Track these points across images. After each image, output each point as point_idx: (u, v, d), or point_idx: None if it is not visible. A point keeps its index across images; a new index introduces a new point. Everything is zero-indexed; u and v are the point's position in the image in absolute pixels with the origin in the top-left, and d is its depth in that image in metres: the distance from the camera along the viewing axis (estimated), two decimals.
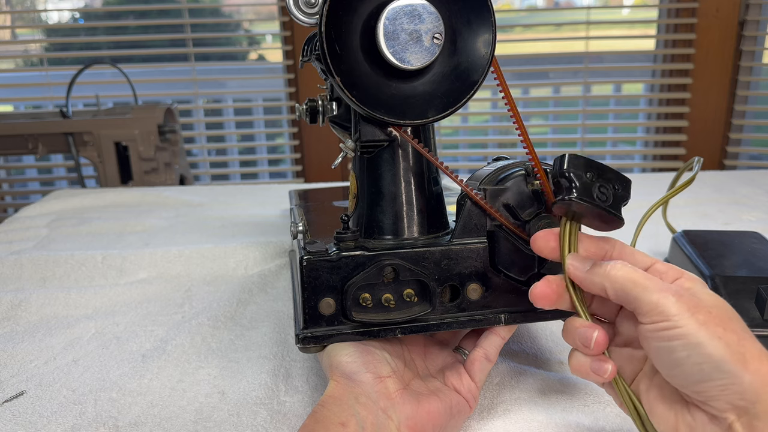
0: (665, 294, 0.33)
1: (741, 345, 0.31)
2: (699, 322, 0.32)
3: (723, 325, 0.31)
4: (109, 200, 1.05)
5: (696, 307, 0.32)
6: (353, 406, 0.38)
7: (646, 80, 1.92)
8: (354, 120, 0.44)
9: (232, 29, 2.07)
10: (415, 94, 0.40)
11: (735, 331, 0.31)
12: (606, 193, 0.36)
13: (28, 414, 0.47)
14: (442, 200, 0.46)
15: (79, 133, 1.55)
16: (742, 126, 1.81)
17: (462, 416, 0.42)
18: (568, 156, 0.37)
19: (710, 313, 0.32)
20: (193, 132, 1.98)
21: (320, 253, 0.41)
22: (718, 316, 0.32)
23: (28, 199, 2.05)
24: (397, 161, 0.44)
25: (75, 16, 2.06)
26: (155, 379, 0.51)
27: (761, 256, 0.59)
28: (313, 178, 1.97)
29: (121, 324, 0.61)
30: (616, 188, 0.37)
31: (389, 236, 0.44)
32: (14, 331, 0.61)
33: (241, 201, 1.04)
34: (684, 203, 0.94)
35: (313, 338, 0.41)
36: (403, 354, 0.44)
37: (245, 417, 0.46)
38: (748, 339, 0.32)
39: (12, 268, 0.75)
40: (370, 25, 0.39)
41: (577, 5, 2.01)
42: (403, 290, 0.41)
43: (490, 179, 0.43)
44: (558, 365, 0.52)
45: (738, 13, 1.72)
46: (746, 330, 0.32)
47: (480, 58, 0.41)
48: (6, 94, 2.13)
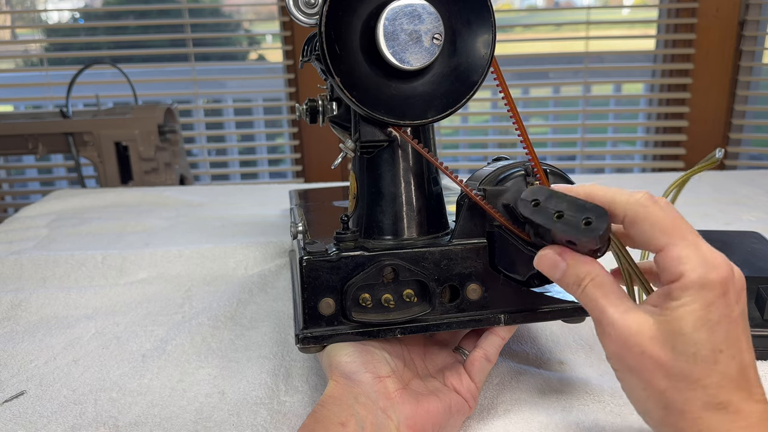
0: (599, 330, 0.33)
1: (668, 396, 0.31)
2: (627, 368, 0.32)
3: (654, 370, 0.31)
4: (109, 200, 1.05)
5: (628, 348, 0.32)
6: (353, 405, 0.38)
7: (646, 80, 1.92)
8: (354, 120, 0.44)
9: (232, 29, 2.07)
10: (414, 95, 0.40)
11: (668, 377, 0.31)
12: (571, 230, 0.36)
13: (28, 414, 0.47)
14: (441, 200, 0.46)
15: (79, 133, 1.55)
16: (742, 126, 1.81)
17: (461, 416, 0.42)
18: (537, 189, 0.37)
19: (643, 354, 0.31)
20: (193, 132, 1.98)
21: (320, 254, 0.41)
22: (653, 357, 0.31)
23: (28, 199, 2.05)
24: (397, 161, 0.44)
25: (75, 16, 2.06)
26: (155, 379, 0.51)
27: (761, 256, 0.59)
28: (313, 178, 1.97)
29: (121, 324, 0.61)
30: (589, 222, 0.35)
31: (389, 236, 0.44)
32: (14, 331, 0.61)
33: (241, 201, 1.04)
34: (684, 203, 0.93)
35: (312, 338, 0.41)
36: (403, 354, 0.44)
37: (245, 417, 0.46)
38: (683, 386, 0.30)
39: (12, 268, 0.75)
40: (370, 25, 0.39)
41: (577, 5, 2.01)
42: (403, 290, 0.41)
43: (489, 179, 0.43)
44: (558, 365, 0.52)
45: (738, 13, 1.72)
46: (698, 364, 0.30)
47: (480, 59, 0.41)
48: (6, 94, 2.13)
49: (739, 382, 0.30)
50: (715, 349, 0.30)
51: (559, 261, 0.35)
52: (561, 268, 0.35)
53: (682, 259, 0.31)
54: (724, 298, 0.30)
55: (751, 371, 0.31)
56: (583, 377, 0.49)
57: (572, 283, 0.35)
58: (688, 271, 0.31)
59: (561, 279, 0.35)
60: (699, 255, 0.31)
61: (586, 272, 0.34)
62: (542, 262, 0.36)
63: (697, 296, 0.30)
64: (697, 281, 0.30)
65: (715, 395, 0.30)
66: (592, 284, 0.34)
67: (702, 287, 0.30)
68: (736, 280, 0.32)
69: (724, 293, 0.30)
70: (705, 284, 0.30)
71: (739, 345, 0.31)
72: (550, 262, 0.35)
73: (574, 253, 0.35)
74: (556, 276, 0.35)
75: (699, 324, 0.30)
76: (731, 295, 0.31)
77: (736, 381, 0.30)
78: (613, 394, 0.46)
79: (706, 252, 0.31)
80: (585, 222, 0.34)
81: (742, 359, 0.31)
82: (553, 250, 0.36)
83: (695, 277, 0.30)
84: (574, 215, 0.34)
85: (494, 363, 0.44)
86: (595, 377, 0.49)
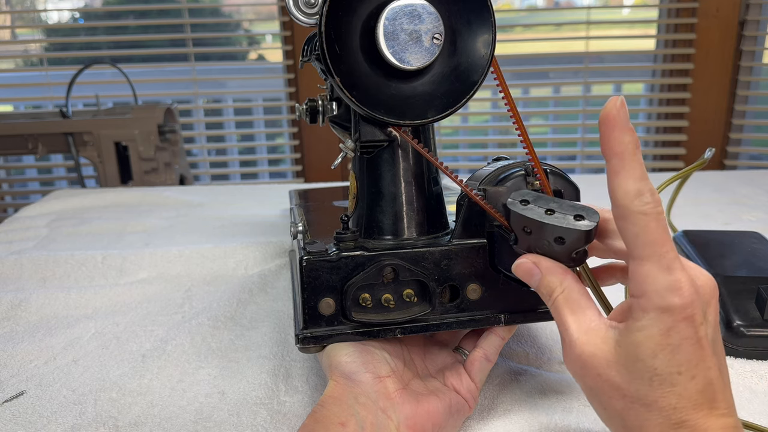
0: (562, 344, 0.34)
1: (624, 417, 0.31)
2: (586, 386, 0.33)
3: (611, 392, 0.31)
4: (109, 200, 1.05)
5: (587, 368, 0.32)
6: (353, 405, 0.38)
7: (646, 80, 1.92)
8: (354, 120, 0.44)
9: (232, 29, 2.07)
10: (414, 95, 0.40)
11: (624, 398, 0.31)
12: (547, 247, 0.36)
13: (28, 414, 0.47)
14: (441, 200, 0.46)
15: (79, 133, 1.55)
16: (742, 126, 1.81)
17: (461, 416, 0.42)
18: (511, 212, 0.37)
19: (600, 376, 0.32)
20: (193, 132, 1.98)
21: (320, 254, 0.41)
22: (609, 379, 0.31)
23: (28, 199, 2.05)
24: (397, 161, 0.44)
25: (75, 16, 2.06)
26: (155, 379, 0.51)
27: (761, 256, 0.59)
28: (313, 178, 1.97)
29: (121, 324, 0.61)
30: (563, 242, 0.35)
31: (389, 236, 0.44)
32: (14, 331, 0.61)
33: (241, 201, 1.04)
34: (684, 203, 0.94)
35: (312, 338, 0.41)
36: (403, 354, 0.44)
37: (245, 417, 0.46)
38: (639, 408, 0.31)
39: (12, 268, 0.75)
40: (370, 25, 0.39)
41: (577, 5, 2.01)
42: (403, 290, 0.41)
43: (489, 179, 0.43)
44: (558, 365, 0.52)
45: (738, 13, 1.72)
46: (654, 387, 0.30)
47: (480, 59, 0.41)
48: (6, 94, 2.13)
49: (699, 401, 0.30)
50: (672, 372, 0.30)
51: (535, 270, 0.36)
52: (536, 277, 0.35)
53: (648, 279, 0.30)
54: (685, 321, 0.30)
55: (717, 386, 0.30)
56: None
57: (545, 294, 0.35)
58: (651, 292, 0.30)
59: (537, 288, 0.36)
60: (667, 278, 0.30)
61: (557, 283, 0.35)
62: (519, 270, 0.37)
63: (656, 320, 0.30)
64: (658, 305, 0.30)
65: (670, 416, 0.30)
66: (561, 297, 0.34)
67: (662, 311, 0.30)
68: (702, 296, 0.31)
69: (686, 317, 0.30)
70: (666, 309, 0.30)
71: (703, 364, 0.30)
72: (526, 270, 0.36)
73: (550, 262, 0.35)
74: (532, 284, 0.36)
75: (657, 349, 0.30)
76: (696, 317, 0.30)
77: (695, 400, 0.30)
78: None
79: (676, 275, 0.30)
80: (576, 217, 0.34)
81: (705, 377, 0.30)
82: (530, 258, 0.36)
83: (657, 300, 0.30)
84: (565, 211, 0.35)
85: (494, 363, 0.44)
86: None
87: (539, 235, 0.36)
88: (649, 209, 0.31)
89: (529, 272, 0.36)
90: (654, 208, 0.31)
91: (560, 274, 0.35)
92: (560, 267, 0.35)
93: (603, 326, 0.33)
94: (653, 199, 0.31)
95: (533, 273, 0.36)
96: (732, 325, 0.51)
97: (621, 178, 0.31)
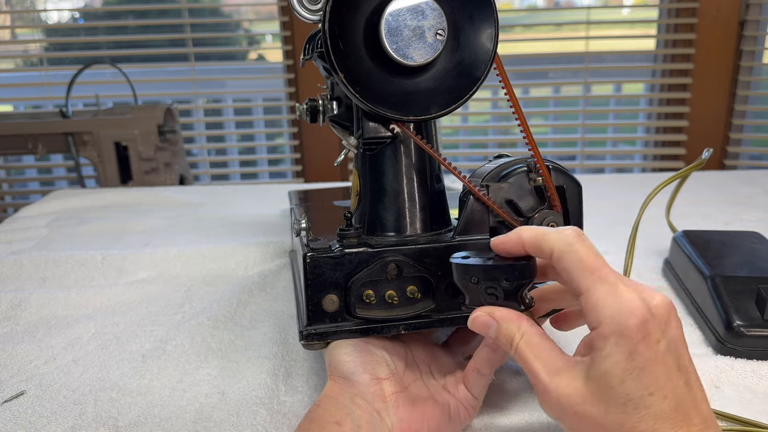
0: (536, 391, 0.33)
1: None
2: (567, 427, 0.33)
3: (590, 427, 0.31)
4: (109, 200, 1.05)
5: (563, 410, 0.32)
6: (348, 405, 0.37)
7: (646, 80, 1.92)
8: (357, 117, 0.44)
9: (232, 29, 2.07)
10: (418, 90, 0.40)
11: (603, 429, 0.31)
12: (495, 291, 0.36)
13: (28, 414, 0.47)
14: (444, 197, 0.46)
15: (78, 133, 1.55)
16: (742, 126, 1.81)
17: (460, 423, 0.41)
18: (454, 267, 0.37)
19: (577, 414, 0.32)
20: (193, 132, 1.98)
21: (323, 250, 0.40)
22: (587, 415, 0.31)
23: (28, 199, 2.04)
24: (400, 158, 0.43)
25: (75, 16, 2.06)
26: (155, 379, 0.51)
27: (761, 256, 0.58)
28: (313, 178, 1.97)
29: (121, 324, 0.61)
30: (509, 280, 0.36)
31: (392, 233, 0.44)
32: (14, 331, 0.61)
33: (241, 201, 1.04)
34: (684, 203, 0.93)
35: (316, 335, 0.41)
36: (406, 356, 0.43)
37: (245, 417, 0.46)
38: None
39: (12, 268, 0.75)
40: (373, 21, 0.38)
41: (577, 5, 2.01)
42: (407, 287, 0.41)
43: (492, 176, 0.43)
44: None
45: (738, 13, 1.72)
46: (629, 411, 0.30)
47: (483, 54, 0.40)
48: (6, 94, 2.13)
49: (674, 419, 0.30)
50: (644, 395, 0.30)
51: (491, 321, 0.35)
52: (493, 328, 0.35)
53: (598, 307, 0.31)
54: (644, 341, 0.30)
55: (687, 403, 0.31)
56: None
57: (505, 344, 0.35)
58: (605, 319, 0.31)
59: (496, 340, 0.35)
60: (616, 301, 0.31)
61: (515, 329, 0.34)
62: (475, 324, 0.36)
63: (617, 346, 0.30)
64: (615, 330, 0.30)
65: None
66: (523, 343, 0.34)
67: (620, 336, 0.30)
68: (657, 315, 0.31)
69: (644, 337, 0.30)
70: (623, 333, 0.30)
71: (670, 383, 0.30)
72: (483, 323, 0.36)
73: (503, 311, 0.35)
74: (491, 336, 0.36)
75: (625, 375, 0.30)
76: (653, 336, 0.30)
77: (671, 418, 0.30)
78: None
79: (624, 295, 0.31)
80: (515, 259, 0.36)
81: (675, 395, 0.30)
82: (484, 310, 0.36)
83: (614, 326, 0.30)
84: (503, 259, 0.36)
85: (488, 376, 0.42)
86: None
87: (487, 278, 0.36)
88: (571, 237, 0.33)
89: (485, 324, 0.36)
90: (576, 236, 0.33)
91: (516, 320, 0.35)
92: (514, 313, 0.35)
93: (569, 364, 0.33)
94: (573, 230, 0.33)
95: (489, 324, 0.35)
96: (732, 325, 0.50)
97: (543, 233, 0.34)
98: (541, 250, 0.34)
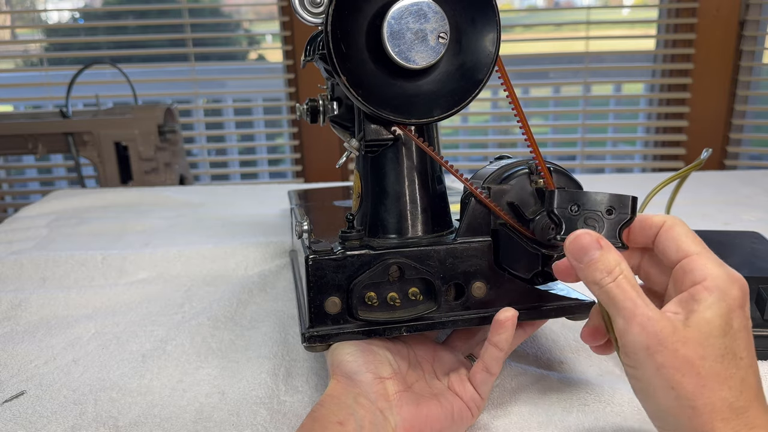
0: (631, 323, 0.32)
1: (696, 396, 0.31)
2: (656, 366, 0.31)
3: (685, 368, 0.31)
4: (109, 200, 1.05)
5: (662, 344, 0.31)
6: (351, 405, 0.37)
7: (646, 80, 1.92)
8: (358, 119, 0.44)
9: (232, 29, 2.07)
10: (420, 93, 0.40)
11: (698, 376, 0.31)
12: (595, 223, 0.36)
13: (28, 414, 0.47)
14: (445, 199, 0.46)
15: (79, 133, 1.55)
16: (742, 126, 1.81)
17: (463, 423, 0.41)
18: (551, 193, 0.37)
19: (677, 352, 0.31)
20: (193, 132, 1.98)
21: (326, 252, 0.40)
22: (685, 355, 0.31)
23: (28, 199, 2.04)
24: (401, 160, 0.43)
25: (75, 16, 2.06)
26: (155, 379, 0.51)
27: (761, 256, 0.58)
28: (313, 178, 1.97)
29: (121, 324, 0.61)
30: (610, 213, 0.36)
31: (394, 235, 0.44)
32: (14, 331, 0.61)
33: (241, 201, 1.04)
34: (684, 203, 0.93)
35: (318, 337, 0.41)
36: (408, 355, 0.43)
37: (245, 417, 0.46)
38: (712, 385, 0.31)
39: (12, 268, 0.75)
40: (376, 24, 0.39)
41: (577, 5, 2.01)
42: (408, 289, 0.41)
43: (493, 178, 0.43)
44: (558, 365, 0.51)
45: (738, 13, 1.72)
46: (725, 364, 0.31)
47: (485, 57, 0.41)
48: (6, 94, 2.13)
49: (758, 393, 0.32)
50: (737, 356, 0.31)
51: (594, 244, 0.34)
52: (594, 252, 0.34)
53: (708, 267, 0.33)
54: (741, 310, 0.32)
55: (761, 385, 0.32)
56: (583, 377, 0.49)
57: (601, 270, 0.33)
58: (713, 275, 0.32)
59: (589, 265, 0.34)
60: (722, 268, 0.33)
61: (616, 263, 0.34)
62: (577, 242, 0.34)
63: (720, 302, 0.32)
64: (721, 286, 0.32)
65: (738, 398, 0.31)
66: (623, 277, 0.33)
67: (725, 295, 0.32)
68: (747, 294, 0.33)
69: (741, 305, 0.32)
70: (727, 293, 0.32)
71: (754, 357, 0.32)
72: (586, 243, 0.34)
73: (609, 242, 0.34)
74: (584, 259, 0.34)
75: (726, 328, 0.31)
76: (746, 309, 0.33)
77: (755, 390, 0.31)
78: (613, 394, 0.46)
79: (726, 267, 0.33)
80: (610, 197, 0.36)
81: (756, 370, 0.32)
82: (590, 232, 0.35)
83: (720, 282, 0.32)
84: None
85: (496, 374, 0.42)
86: (595, 377, 0.49)
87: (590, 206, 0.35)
88: (678, 222, 0.35)
89: (587, 246, 0.34)
90: (681, 221, 0.36)
91: (618, 255, 0.34)
92: (617, 251, 0.34)
93: (665, 312, 0.33)
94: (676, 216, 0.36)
95: (591, 247, 0.34)
96: None
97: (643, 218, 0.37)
98: (652, 221, 0.36)
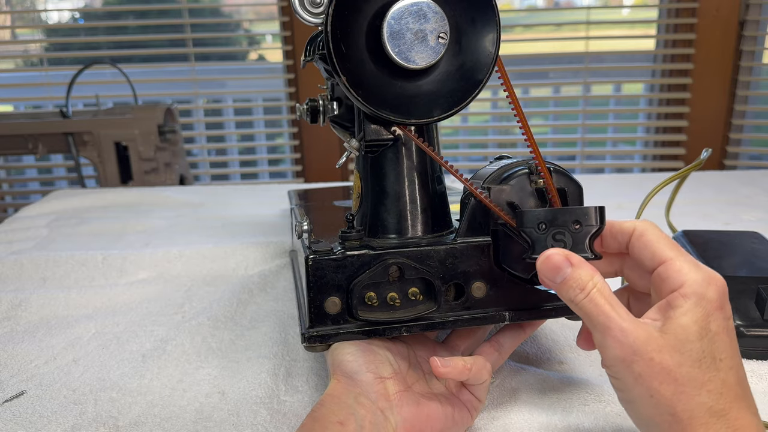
0: (606, 336, 0.33)
1: (674, 403, 0.31)
2: (634, 376, 0.32)
3: (662, 376, 0.31)
4: (109, 200, 1.05)
5: (637, 354, 0.32)
6: (352, 405, 0.37)
7: (646, 80, 1.92)
8: (358, 119, 0.44)
9: (232, 29, 2.07)
10: (420, 93, 0.40)
11: (675, 382, 0.31)
12: (563, 238, 0.36)
13: (28, 414, 0.47)
14: (445, 199, 0.46)
15: (79, 133, 1.55)
16: (742, 126, 1.81)
17: (463, 424, 0.41)
18: (519, 214, 0.38)
19: (652, 360, 0.31)
20: (193, 132, 1.98)
21: (325, 252, 0.40)
22: (660, 363, 0.31)
23: (28, 199, 2.04)
24: (401, 160, 0.43)
25: (75, 16, 2.06)
26: (155, 379, 0.51)
27: (761, 256, 0.58)
28: (313, 178, 1.97)
29: (121, 324, 0.61)
30: (578, 226, 0.36)
31: (393, 235, 0.44)
32: (14, 331, 0.61)
33: (241, 201, 1.04)
34: (684, 203, 0.93)
35: (318, 337, 0.41)
36: (408, 355, 0.43)
37: (245, 417, 0.46)
38: (690, 391, 0.31)
39: (12, 268, 0.75)
40: (376, 24, 0.39)
41: (577, 5, 2.01)
42: (408, 289, 0.41)
43: (493, 178, 0.43)
44: (558, 365, 0.51)
45: (738, 13, 1.72)
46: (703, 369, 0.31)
47: (485, 57, 0.41)
48: (6, 94, 2.13)
49: (738, 392, 0.32)
50: (716, 358, 0.32)
51: (564, 263, 0.35)
52: (565, 270, 0.35)
53: (683, 271, 0.33)
54: (721, 311, 0.32)
55: (746, 384, 0.32)
56: (583, 377, 0.49)
57: (574, 287, 0.34)
58: (690, 281, 0.33)
59: (563, 282, 0.35)
60: (698, 270, 0.33)
61: (589, 277, 0.34)
62: (548, 263, 0.35)
63: (696, 307, 0.32)
64: (697, 291, 0.32)
65: (717, 401, 0.31)
66: (596, 291, 0.34)
67: (701, 298, 0.32)
68: (726, 294, 0.33)
69: (721, 306, 0.32)
70: (704, 296, 0.32)
71: (736, 357, 0.32)
72: (556, 263, 0.35)
73: (579, 258, 0.35)
74: (557, 279, 0.35)
75: (702, 333, 0.32)
76: (726, 310, 0.33)
77: (735, 391, 0.31)
78: (613, 394, 0.46)
79: (704, 268, 0.34)
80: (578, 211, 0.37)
81: (738, 371, 0.32)
82: (560, 251, 0.35)
83: (696, 287, 0.32)
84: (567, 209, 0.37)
85: (488, 380, 0.42)
86: (595, 377, 0.49)
87: (557, 223, 0.36)
88: (650, 224, 0.36)
89: (557, 266, 0.35)
90: (652, 225, 0.36)
91: (590, 269, 0.35)
92: (589, 264, 0.35)
93: (643, 320, 0.33)
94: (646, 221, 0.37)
95: (561, 266, 0.35)
96: None
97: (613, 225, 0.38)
98: (622, 228, 0.37)
